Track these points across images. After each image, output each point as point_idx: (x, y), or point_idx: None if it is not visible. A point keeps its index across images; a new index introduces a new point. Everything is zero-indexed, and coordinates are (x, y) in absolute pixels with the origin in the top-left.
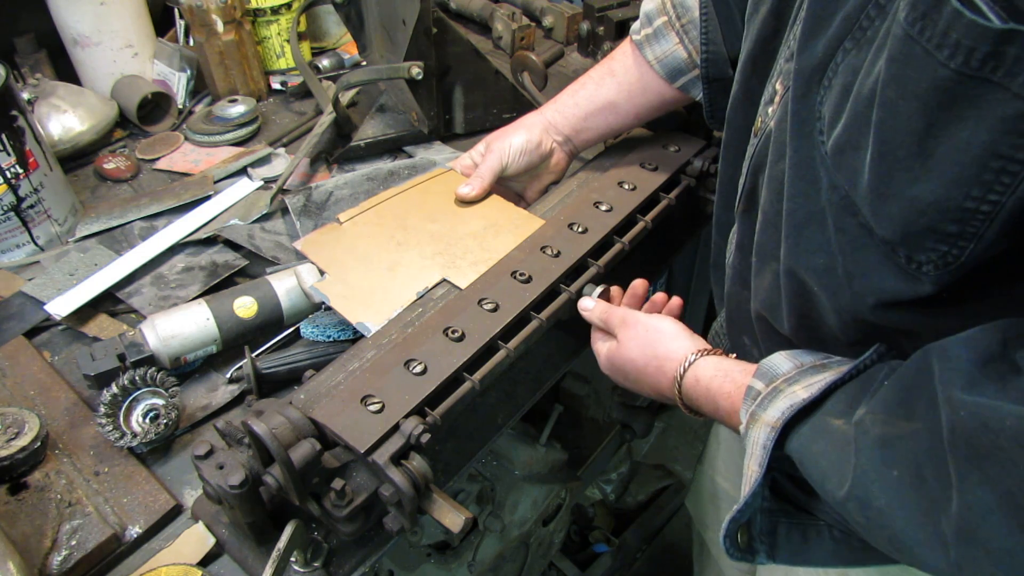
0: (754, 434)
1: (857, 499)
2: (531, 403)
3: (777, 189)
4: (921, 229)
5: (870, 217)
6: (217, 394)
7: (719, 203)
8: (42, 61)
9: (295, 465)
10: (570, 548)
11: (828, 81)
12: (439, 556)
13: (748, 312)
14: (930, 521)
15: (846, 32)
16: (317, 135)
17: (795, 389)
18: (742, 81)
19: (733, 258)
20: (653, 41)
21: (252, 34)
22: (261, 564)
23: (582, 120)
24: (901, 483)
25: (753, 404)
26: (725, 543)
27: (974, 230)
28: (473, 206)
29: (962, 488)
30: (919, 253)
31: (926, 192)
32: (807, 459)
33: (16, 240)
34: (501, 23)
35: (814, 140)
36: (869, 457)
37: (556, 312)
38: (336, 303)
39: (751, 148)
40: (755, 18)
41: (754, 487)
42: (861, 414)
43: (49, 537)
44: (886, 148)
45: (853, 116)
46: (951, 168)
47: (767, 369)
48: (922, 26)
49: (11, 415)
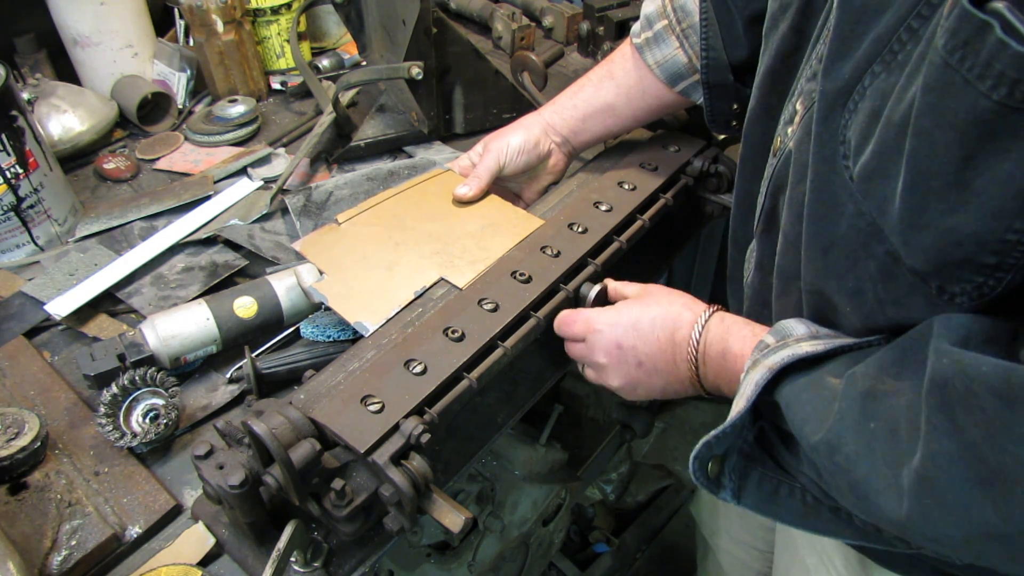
0: (751, 376)
1: (828, 443)
2: (531, 403)
3: (798, 211)
4: (957, 260)
5: (900, 246)
6: (217, 394)
7: (736, 218)
8: (42, 61)
9: (295, 465)
10: (570, 548)
11: (854, 104)
12: (439, 556)
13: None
14: (893, 472)
15: (876, 55)
16: (317, 135)
17: (803, 345)
18: (760, 97)
19: (752, 277)
20: (653, 45)
21: (252, 34)
22: (261, 564)
23: (580, 122)
24: (875, 434)
25: (759, 354)
26: (694, 464)
27: (1014, 261)
28: (471, 206)
29: (928, 437)
30: (953, 284)
31: (963, 224)
32: (794, 404)
33: (16, 240)
34: (501, 23)
35: (837, 164)
36: (850, 407)
37: (555, 311)
38: (334, 303)
39: (770, 168)
40: (774, 33)
41: (735, 419)
42: (855, 369)
43: (49, 537)
44: (920, 178)
45: (883, 143)
46: (992, 200)
47: (781, 327)
48: (963, 55)
49: (11, 415)
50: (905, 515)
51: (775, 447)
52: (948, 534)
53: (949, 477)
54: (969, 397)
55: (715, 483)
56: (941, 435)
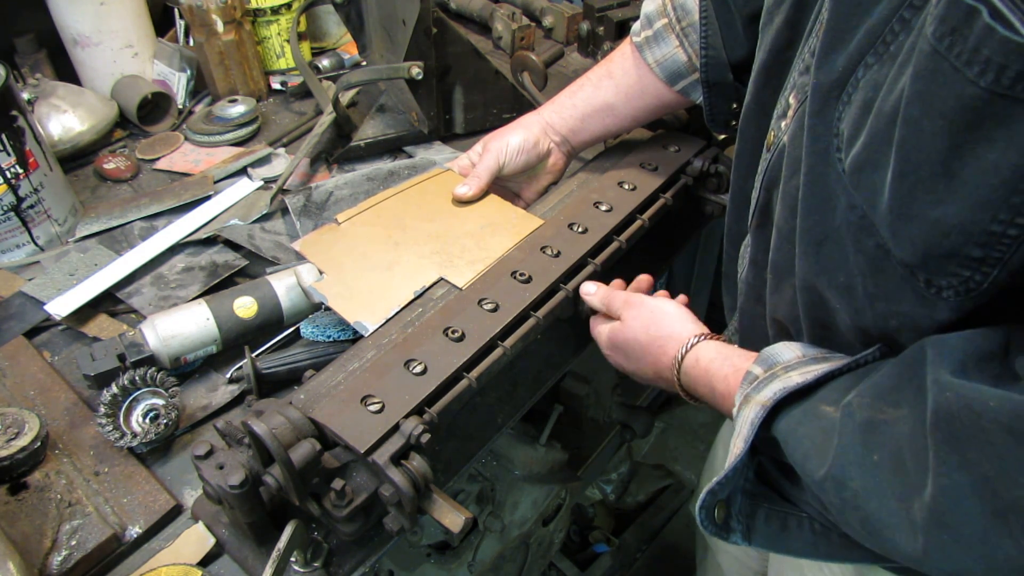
0: (744, 413)
1: (834, 479)
2: (531, 403)
3: (791, 205)
4: (944, 252)
5: (889, 238)
6: (217, 394)
7: (731, 214)
8: (42, 61)
9: (295, 465)
10: (570, 548)
11: (847, 97)
12: (439, 556)
13: (763, 328)
14: (903, 506)
15: (868, 46)
16: (317, 135)
17: (792, 375)
18: (755, 92)
19: (746, 273)
20: (653, 44)
21: (252, 34)
22: (261, 564)
23: (579, 121)
24: (880, 467)
25: (749, 387)
26: (700, 514)
27: (999, 255)
28: (470, 205)
29: (939, 471)
30: (940, 277)
31: (950, 214)
32: (792, 440)
33: (16, 240)
34: (501, 23)
35: (830, 157)
36: (851, 440)
37: (554, 310)
38: (334, 303)
39: (764, 163)
40: (769, 28)
41: (736, 462)
42: (850, 398)
43: (49, 537)
44: (908, 167)
45: (874, 134)
46: (977, 190)
47: (768, 356)
48: (951, 41)
49: (11, 415)
50: (922, 551)
51: (777, 480)
52: (968, 568)
53: (964, 511)
54: (978, 432)
55: (724, 528)
56: (951, 469)
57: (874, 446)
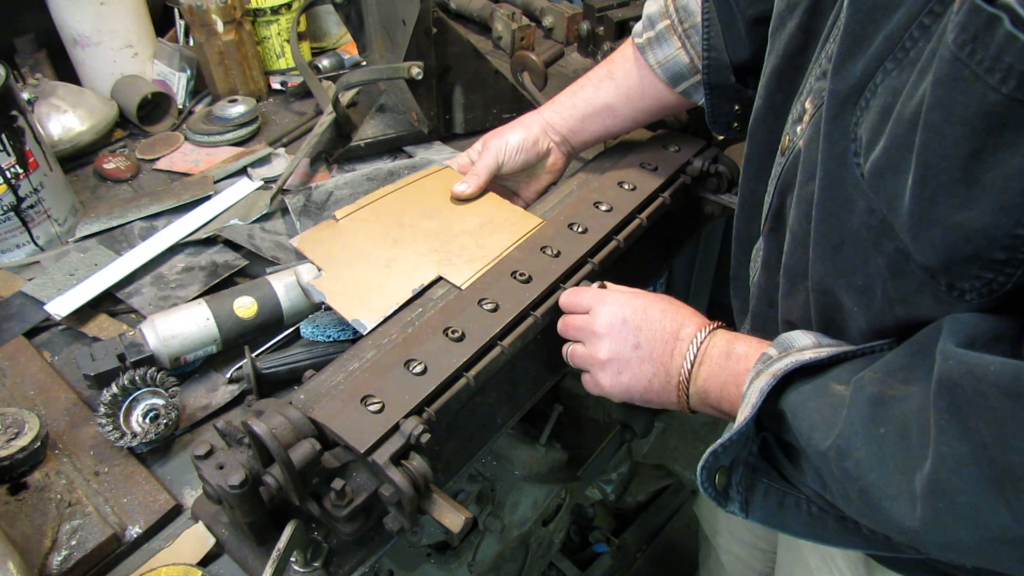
0: (755, 385)
1: (838, 448)
2: (531, 403)
3: (806, 210)
4: (966, 256)
5: (909, 242)
6: (217, 394)
7: (740, 216)
8: (42, 61)
9: (295, 465)
10: (570, 548)
11: (866, 102)
12: (439, 556)
13: (775, 331)
14: (904, 478)
15: (888, 52)
16: (317, 135)
17: (806, 353)
18: (766, 96)
19: (759, 276)
20: (655, 45)
21: (252, 34)
22: (261, 564)
23: (579, 121)
24: (885, 439)
25: (762, 365)
26: (701, 475)
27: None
28: (469, 203)
29: (939, 441)
30: (962, 281)
31: (972, 219)
32: (800, 412)
33: (16, 240)
34: (501, 23)
35: (848, 162)
36: (859, 412)
37: (552, 309)
38: (332, 300)
39: (777, 167)
40: (781, 32)
41: (741, 427)
42: (862, 374)
43: (49, 537)
44: (929, 173)
45: (894, 139)
46: (1000, 195)
47: (784, 340)
48: (972, 48)
49: (11, 415)
50: (919, 522)
51: (779, 459)
52: (961, 539)
53: (961, 480)
54: (978, 398)
55: (723, 495)
56: (951, 438)
57: (882, 419)
